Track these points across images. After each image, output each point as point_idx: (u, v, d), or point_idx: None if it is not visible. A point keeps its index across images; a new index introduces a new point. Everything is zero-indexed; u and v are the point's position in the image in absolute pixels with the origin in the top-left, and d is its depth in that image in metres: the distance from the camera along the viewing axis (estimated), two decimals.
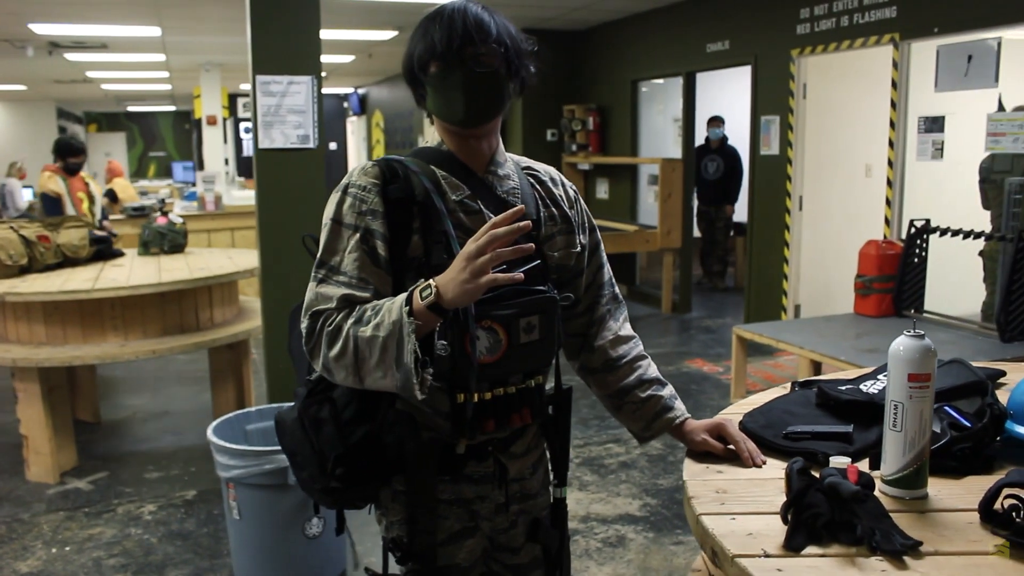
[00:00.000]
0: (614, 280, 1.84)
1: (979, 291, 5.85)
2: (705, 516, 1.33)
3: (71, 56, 10.81)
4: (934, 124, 5.36)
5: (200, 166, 14.64)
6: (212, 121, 12.03)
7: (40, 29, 8.72)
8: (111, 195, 10.49)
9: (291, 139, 3.64)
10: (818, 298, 6.57)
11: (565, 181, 1.78)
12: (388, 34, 9.43)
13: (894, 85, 5.51)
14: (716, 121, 9.12)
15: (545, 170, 1.76)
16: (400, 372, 1.41)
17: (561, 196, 1.72)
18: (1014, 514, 1.27)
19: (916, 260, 5.20)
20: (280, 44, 3.65)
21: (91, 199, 6.67)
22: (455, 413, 1.54)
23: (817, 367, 4.59)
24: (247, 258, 5.03)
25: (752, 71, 6.81)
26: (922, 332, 1.38)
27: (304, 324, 1.52)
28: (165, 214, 5.30)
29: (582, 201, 1.80)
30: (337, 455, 1.52)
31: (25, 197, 12.25)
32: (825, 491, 1.28)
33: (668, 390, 1.74)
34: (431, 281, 1.41)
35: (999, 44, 4.83)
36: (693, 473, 1.53)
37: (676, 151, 8.31)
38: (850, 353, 4.41)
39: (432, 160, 1.60)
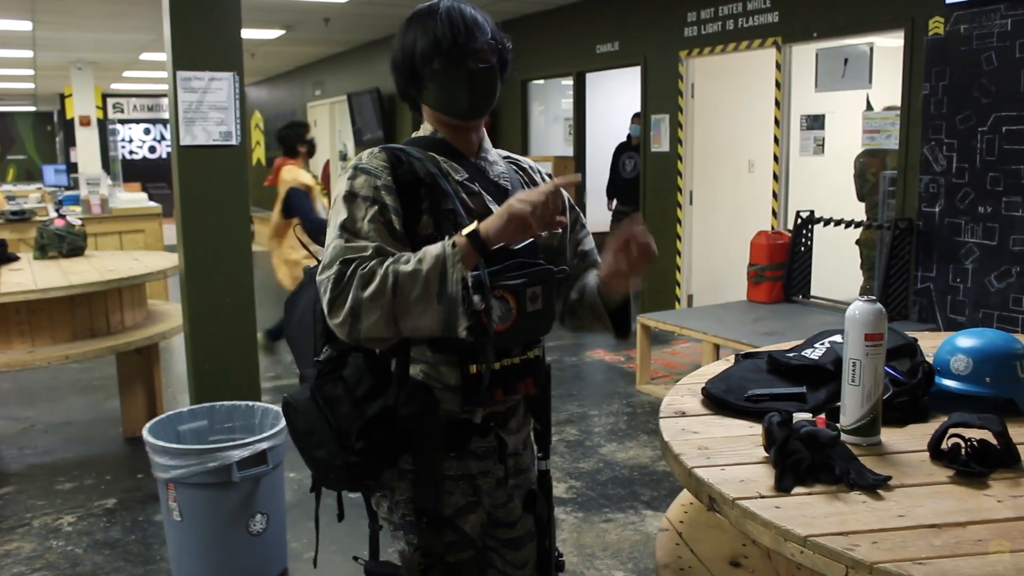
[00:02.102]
0: (590, 237, 1.95)
1: (858, 277, 6.31)
2: (698, 468, 1.48)
3: None
4: (815, 122, 5.75)
5: (71, 169, 14.01)
6: (86, 121, 11.58)
7: None
8: None
9: (213, 135, 3.63)
10: (708, 287, 6.92)
11: (540, 168, 1.91)
12: (275, 33, 9.32)
13: (778, 85, 5.88)
14: (640, 117, 9.21)
15: (523, 159, 1.89)
16: (443, 304, 1.45)
17: (540, 182, 1.85)
18: (959, 450, 1.48)
19: (803, 249, 5.57)
20: (200, 40, 3.62)
21: None
22: (466, 385, 1.62)
23: (719, 351, 4.86)
24: (154, 260, 4.94)
25: (642, 71, 7.10)
26: (874, 297, 1.58)
27: (332, 271, 1.51)
28: (63, 216, 5.13)
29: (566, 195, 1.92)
30: (360, 427, 1.56)
31: None
32: (803, 439, 1.45)
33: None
34: (475, 221, 1.52)
35: (871, 49, 5.24)
36: (672, 434, 1.68)
37: (567, 150, 8.55)
38: (750, 336, 4.70)
39: (429, 148, 1.70)
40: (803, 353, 2.01)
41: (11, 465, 4.64)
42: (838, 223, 5.39)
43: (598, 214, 9.59)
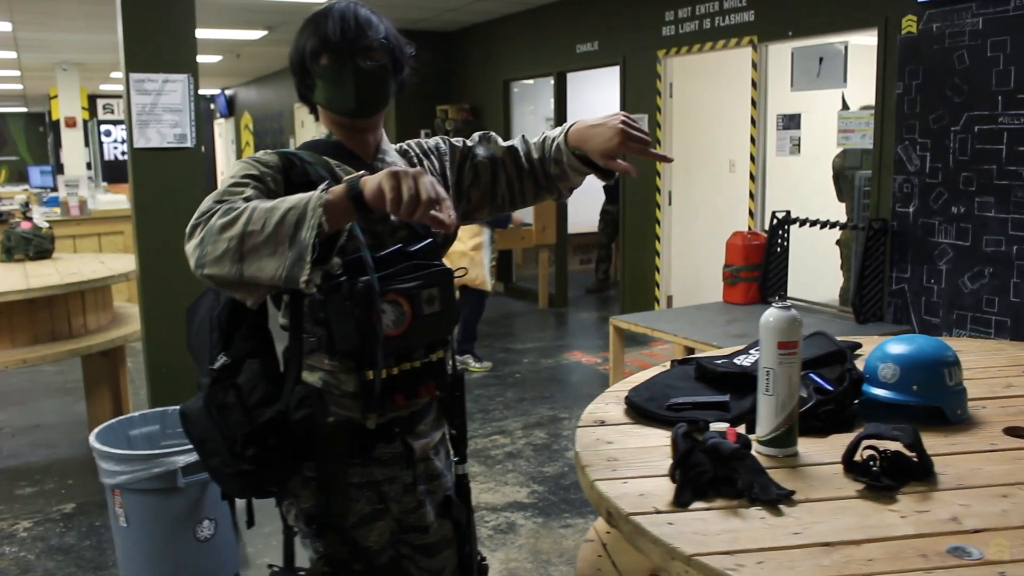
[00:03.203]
0: (486, 136, 1.91)
1: (838, 278, 6.26)
2: (599, 482, 1.43)
3: None
4: (791, 121, 5.69)
5: (59, 170, 13.98)
6: (71, 123, 11.52)
7: None
8: None
9: (168, 138, 3.58)
10: (689, 289, 6.86)
11: (427, 146, 1.86)
12: (257, 34, 9.27)
13: (754, 85, 5.82)
14: None
15: (415, 145, 1.85)
16: (292, 250, 1.32)
17: (435, 168, 1.82)
18: (871, 463, 1.43)
19: (779, 250, 5.51)
20: (154, 41, 3.58)
21: None
22: (364, 391, 1.59)
23: (691, 353, 4.81)
24: (120, 262, 4.88)
25: (620, 71, 7.05)
26: (789, 304, 1.53)
27: (203, 206, 1.43)
28: (29, 219, 5.08)
29: (444, 147, 1.86)
30: (246, 434, 1.53)
31: None
32: (708, 451, 1.40)
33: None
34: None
35: (846, 48, 5.19)
36: (585, 444, 1.63)
37: None
38: (721, 338, 4.64)
39: (323, 151, 1.68)
40: (735, 360, 1.96)
41: None
42: (813, 224, 5.33)
43: (577, 214, 9.54)
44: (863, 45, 5.32)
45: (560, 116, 8.10)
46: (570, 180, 1.83)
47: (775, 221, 5.49)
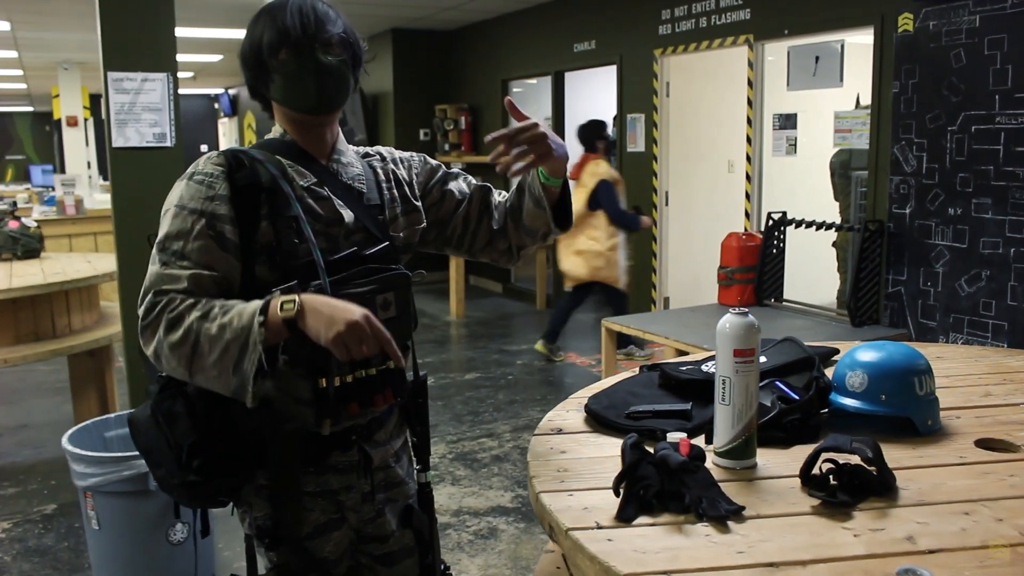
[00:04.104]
0: (466, 176, 1.87)
1: (836, 280, 6.18)
2: (544, 493, 1.37)
3: None
4: (787, 121, 5.62)
5: (62, 169, 13.98)
6: (73, 122, 11.52)
7: None
8: None
9: (147, 138, 3.53)
10: (686, 290, 6.79)
11: (400, 156, 1.81)
12: None
13: (750, 84, 5.75)
14: None
15: (385, 151, 1.80)
16: (236, 377, 1.40)
17: (403, 176, 1.77)
18: (830, 477, 1.37)
19: (774, 251, 5.43)
20: (132, 40, 3.53)
21: None
22: (318, 399, 1.54)
23: (683, 356, 4.74)
24: (107, 262, 4.84)
25: (617, 70, 6.98)
26: (746, 310, 1.47)
27: (144, 302, 1.48)
28: (17, 218, 5.04)
29: (416, 160, 1.83)
30: (190, 444, 1.50)
31: None
32: (656, 463, 1.34)
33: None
34: (296, 297, 1.40)
35: (842, 46, 5.11)
36: (537, 454, 1.57)
37: None
38: (713, 341, 4.58)
39: (276, 150, 1.62)
40: (702, 367, 1.90)
41: None
42: (809, 225, 5.25)
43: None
44: (862, 43, 5.25)
45: (558, 115, 8.04)
46: (533, 232, 1.78)
47: (771, 222, 5.42)
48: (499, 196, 1.85)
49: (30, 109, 21.20)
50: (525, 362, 6.34)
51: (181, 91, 3.63)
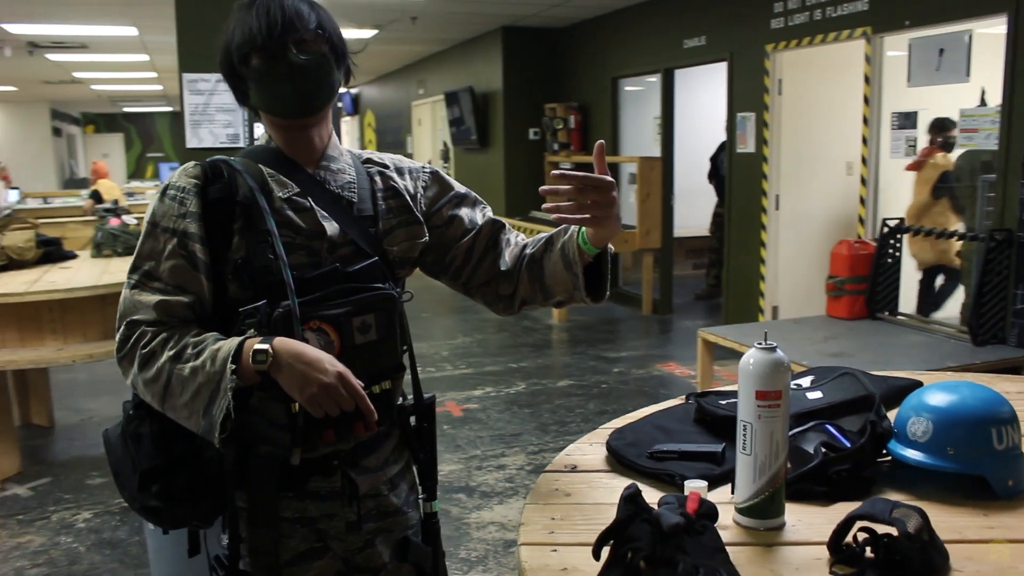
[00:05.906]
0: (483, 205, 1.71)
1: (959, 294, 5.71)
2: (525, 546, 1.20)
3: (53, 56, 10.73)
4: (907, 120, 5.20)
5: None
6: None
7: (15, 29, 8.64)
8: (96, 196, 10.41)
9: (220, 138, 3.53)
10: (798, 300, 6.40)
11: (410, 166, 1.67)
12: (368, 32, 9.31)
13: (867, 80, 5.36)
14: None
15: (390, 160, 1.66)
16: (205, 420, 1.37)
17: (406, 187, 1.62)
18: (867, 548, 1.14)
19: (890, 260, 5.04)
20: (206, 41, 3.53)
21: None
22: (292, 423, 1.43)
23: None
24: None
25: (728, 67, 6.66)
26: (774, 344, 1.24)
27: (119, 331, 1.44)
28: (119, 215, 5.19)
29: (427, 174, 1.67)
30: (143, 471, 1.43)
31: (10, 198, 12.21)
32: (651, 522, 1.14)
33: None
34: (270, 348, 1.33)
35: (970, 37, 4.68)
36: (539, 495, 1.40)
37: (656, 150, 8.15)
38: (814, 357, 4.26)
39: (260, 158, 1.52)
40: None
41: (58, 456, 4.73)
42: (928, 233, 4.85)
43: (691, 216, 9.17)
44: (989, 33, 4.80)
45: (667, 115, 7.75)
46: (548, 293, 1.60)
47: (886, 229, 5.03)
48: (514, 236, 1.68)
49: (168, 109, 22.25)
50: (622, 370, 6.11)
51: None
